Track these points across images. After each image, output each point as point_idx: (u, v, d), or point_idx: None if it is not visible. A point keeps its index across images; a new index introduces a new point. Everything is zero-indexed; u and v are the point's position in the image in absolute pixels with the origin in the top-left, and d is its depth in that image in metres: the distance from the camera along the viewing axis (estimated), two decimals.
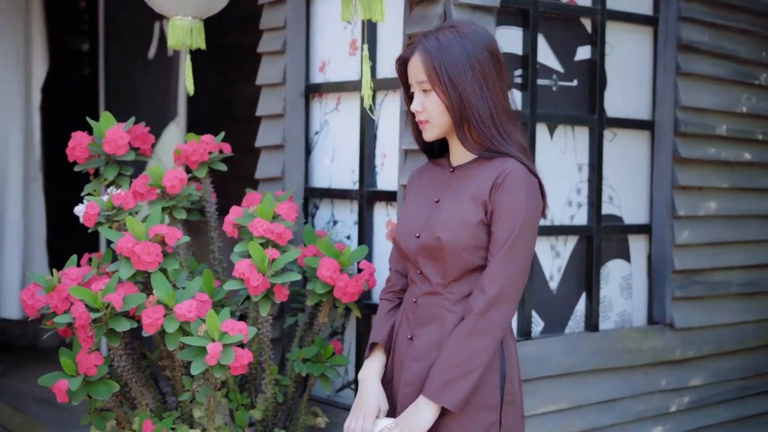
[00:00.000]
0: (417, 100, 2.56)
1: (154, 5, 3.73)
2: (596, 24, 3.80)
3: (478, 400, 2.47)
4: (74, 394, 3.14)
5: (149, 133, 3.65)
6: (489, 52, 2.53)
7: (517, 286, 2.47)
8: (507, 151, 2.51)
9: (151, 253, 3.18)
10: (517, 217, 2.45)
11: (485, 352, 2.44)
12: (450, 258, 2.50)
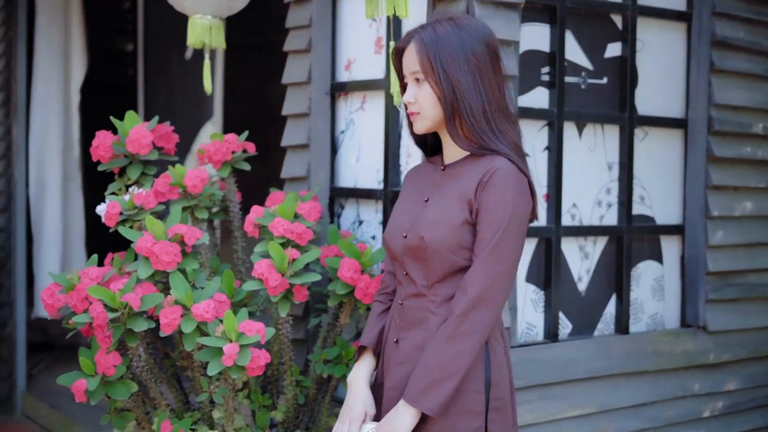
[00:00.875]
0: (410, 91, 2.51)
1: (175, 3, 3.72)
2: (627, 20, 3.72)
3: (460, 406, 2.40)
4: (92, 393, 3.14)
5: (174, 133, 3.64)
6: (486, 45, 2.47)
7: (501, 288, 2.39)
8: (497, 149, 2.44)
9: (169, 253, 3.16)
10: (503, 217, 2.37)
11: (466, 356, 2.36)
12: (433, 258, 2.44)
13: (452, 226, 2.42)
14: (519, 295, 3.51)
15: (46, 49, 5.94)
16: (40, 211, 5.95)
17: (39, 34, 5.96)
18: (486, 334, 2.39)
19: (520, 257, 2.46)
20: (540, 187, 3.55)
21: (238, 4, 3.77)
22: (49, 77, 5.95)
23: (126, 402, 3.27)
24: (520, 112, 3.45)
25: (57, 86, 5.98)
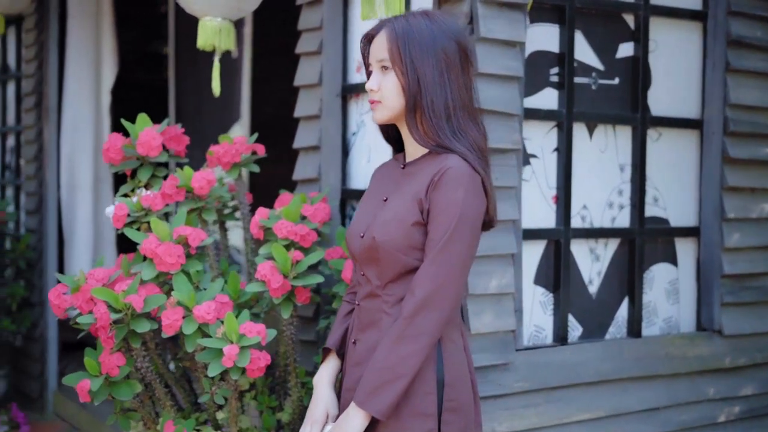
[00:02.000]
0: (374, 78, 2.48)
1: (185, 6, 3.75)
2: (639, 20, 3.68)
3: (411, 407, 2.38)
4: (96, 393, 3.17)
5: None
6: (457, 43, 2.45)
7: (449, 290, 2.36)
8: (454, 147, 2.41)
9: (173, 255, 3.18)
10: (452, 217, 2.34)
11: (414, 358, 2.34)
12: (385, 258, 2.42)
13: (403, 227, 2.40)
14: (526, 298, 3.48)
15: (77, 52, 6.02)
16: (72, 212, 6.03)
17: (70, 38, 6.04)
18: (435, 335, 2.36)
19: (472, 258, 2.42)
20: (549, 188, 3.53)
21: (247, 6, 3.79)
22: (80, 80, 6.03)
23: (131, 402, 3.30)
24: (527, 114, 3.43)
25: (88, 89, 6.06)
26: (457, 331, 2.48)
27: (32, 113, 6.05)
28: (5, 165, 6.73)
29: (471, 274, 3.21)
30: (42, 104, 6.00)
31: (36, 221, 6.02)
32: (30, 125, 6.06)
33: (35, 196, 6.02)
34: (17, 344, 6.02)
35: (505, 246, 3.29)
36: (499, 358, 3.29)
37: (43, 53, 5.98)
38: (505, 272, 3.29)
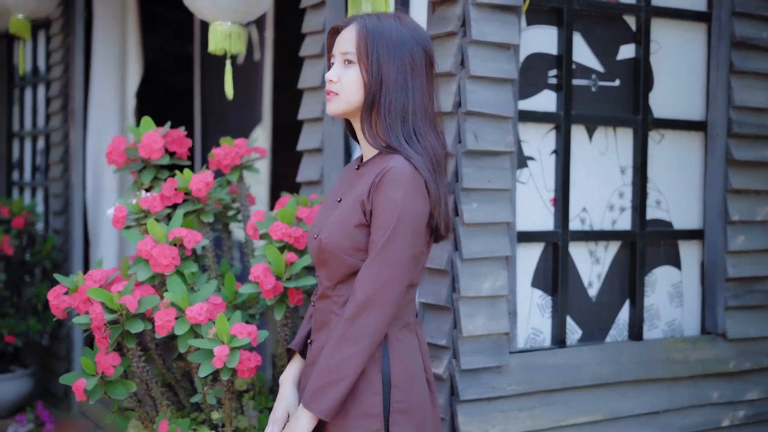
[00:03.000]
0: (335, 70, 2.49)
1: (195, 11, 3.80)
2: (641, 21, 3.66)
3: (357, 408, 2.39)
4: (91, 392, 3.22)
5: (187, 137, 3.70)
6: (424, 51, 2.46)
7: (390, 291, 2.36)
8: (401, 149, 2.41)
9: (167, 256, 3.22)
10: (391, 218, 2.35)
11: (356, 359, 2.35)
12: (331, 260, 2.45)
13: (347, 229, 2.42)
14: (523, 300, 3.48)
15: (103, 55, 6.11)
16: (97, 213, 6.12)
17: (96, 41, 6.13)
18: (377, 336, 2.37)
19: (414, 259, 2.41)
20: (547, 191, 3.52)
21: (257, 11, 3.83)
22: (105, 83, 6.11)
23: (129, 402, 3.35)
24: (525, 116, 3.42)
25: (113, 91, 6.15)
26: (409, 331, 2.49)
27: (59, 116, 6.15)
28: (36, 167, 6.85)
29: (463, 276, 3.22)
30: (68, 107, 6.09)
31: (62, 222, 6.12)
32: (57, 128, 6.16)
33: (61, 197, 6.11)
34: (44, 343, 6.12)
35: (498, 248, 3.29)
36: (492, 361, 3.29)
37: (69, 56, 6.08)
38: (499, 275, 3.29)
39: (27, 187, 7.00)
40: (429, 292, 3.32)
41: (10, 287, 5.81)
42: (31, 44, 6.86)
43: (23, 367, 6.02)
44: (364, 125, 2.46)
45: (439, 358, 3.28)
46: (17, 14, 5.50)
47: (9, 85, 7.33)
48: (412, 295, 2.51)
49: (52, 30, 6.24)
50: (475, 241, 3.25)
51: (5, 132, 7.37)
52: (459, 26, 3.24)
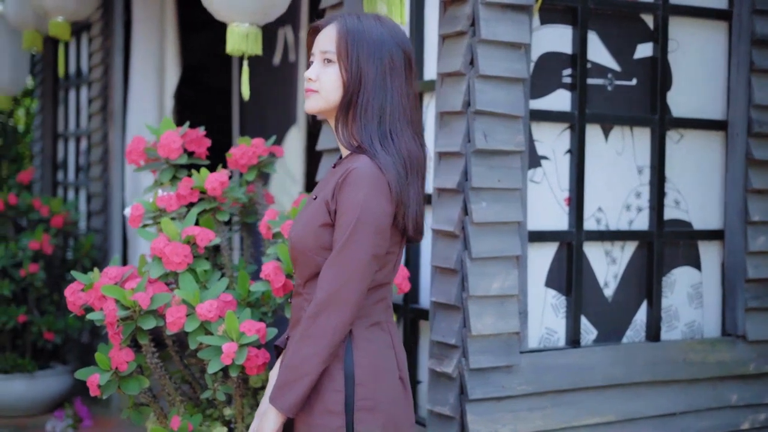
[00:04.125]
0: (314, 68, 2.50)
1: (213, 12, 3.84)
2: (658, 20, 3.63)
3: (321, 405, 2.41)
4: (104, 387, 3.27)
5: (205, 138, 3.74)
6: (404, 51, 2.47)
7: (350, 291, 2.36)
8: (371, 149, 2.41)
9: (179, 254, 3.27)
10: (352, 218, 2.35)
11: (316, 358, 2.36)
12: (299, 258, 2.47)
13: (313, 228, 2.43)
14: (536, 300, 3.47)
15: (141, 56, 6.20)
16: None
17: (135, 43, 6.22)
18: (337, 335, 2.38)
19: (375, 259, 2.40)
20: (561, 190, 3.51)
21: (274, 12, 3.87)
22: (144, 84, 6.20)
23: (144, 397, 3.40)
24: (538, 115, 3.42)
25: (152, 92, 6.23)
26: (380, 329, 2.49)
27: (98, 117, 6.25)
28: (79, 167, 6.97)
29: (472, 275, 3.23)
30: (107, 108, 6.20)
31: (101, 222, 6.22)
32: (96, 128, 6.26)
33: (100, 197, 6.22)
34: (83, 340, 6.23)
35: (508, 248, 3.29)
36: (502, 360, 3.29)
37: (108, 58, 6.18)
38: (509, 274, 3.29)
39: (71, 187, 7.12)
40: (439, 291, 3.33)
41: (49, 285, 5.91)
42: (75, 46, 6.99)
43: (63, 364, 6.14)
44: (339, 124, 2.48)
45: (449, 357, 3.29)
46: (57, 17, 5.60)
47: (55, 87, 7.46)
48: (383, 295, 2.51)
49: (93, 32, 6.35)
50: (484, 240, 3.25)
51: (51, 132, 7.50)
52: (469, 26, 3.24)
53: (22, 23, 6.22)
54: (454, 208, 3.28)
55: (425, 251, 3.58)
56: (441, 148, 3.34)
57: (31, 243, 5.77)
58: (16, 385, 5.80)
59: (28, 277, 5.77)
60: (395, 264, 2.52)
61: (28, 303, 5.95)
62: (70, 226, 6.23)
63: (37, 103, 7.77)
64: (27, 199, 6.10)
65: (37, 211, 6.09)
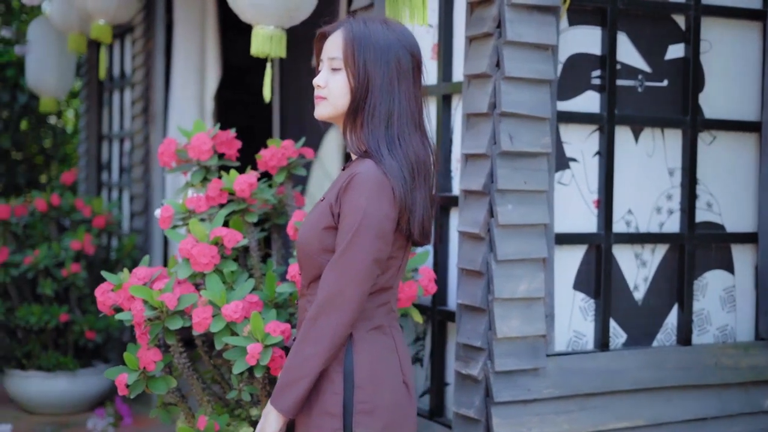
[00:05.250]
0: (322, 75, 2.52)
1: (239, 14, 3.87)
2: (690, 20, 3.59)
3: (321, 407, 2.42)
4: (132, 387, 3.31)
5: (236, 139, 3.76)
6: (411, 55, 2.47)
7: (350, 294, 2.37)
8: (376, 154, 2.41)
9: (206, 255, 3.29)
10: (353, 222, 2.36)
11: (316, 359, 2.37)
12: (303, 259, 2.49)
13: (317, 230, 2.45)
14: (565, 303, 3.45)
15: (182, 58, 6.25)
16: None
17: (176, 45, 6.27)
18: (336, 338, 2.38)
19: (377, 263, 2.41)
20: (590, 192, 3.49)
21: (300, 15, 3.89)
22: (184, 86, 6.25)
23: (171, 396, 3.43)
24: (566, 117, 3.40)
25: (193, 94, 6.28)
26: (382, 333, 2.49)
27: (140, 118, 6.32)
28: (122, 168, 7.05)
29: (498, 278, 3.22)
30: (149, 110, 6.26)
31: (142, 222, 6.28)
32: (138, 130, 6.33)
33: (141, 198, 6.28)
34: (124, 339, 6.29)
35: (534, 250, 3.27)
36: (528, 363, 3.28)
37: (150, 60, 6.24)
38: (535, 277, 3.27)
39: (115, 188, 7.20)
40: (465, 294, 3.32)
41: (91, 285, 5.98)
42: (119, 49, 7.07)
43: (104, 362, 6.21)
44: (347, 130, 2.49)
45: (474, 359, 3.28)
46: (99, 20, 5.67)
47: (99, 89, 7.55)
48: (386, 299, 2.52)
49: (135, 35, 6.42)
50: (510, 242, 3.24)
51: (96, 134, 7.59)
52: (495, 27, 3.23)
53: (67, 26, 6.30)
54: (479, 210, 3.27)
55: (453, 253, 3.57)
56: (467, 150, 3.33)
57: (73, 243, 5.85)
58: (59, 383, 5.88)
59: (70, 277, 5.84)
60: (399, 269, 2.53)
61: (70, 302, 6.03)
62: (112, 227, 6.30)
63: (82, 104, 7.87)
64: (69, 199, 6.18)
65: (80, 212, 6.16)
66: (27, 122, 9.36)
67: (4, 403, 6.11)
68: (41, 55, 6.71)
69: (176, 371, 3.46)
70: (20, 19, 9.09)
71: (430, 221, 2.53)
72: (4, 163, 9.27)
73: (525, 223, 3.25)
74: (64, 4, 6.11)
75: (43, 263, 5.78)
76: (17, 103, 9.07)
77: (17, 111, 9.11)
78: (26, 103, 8.95)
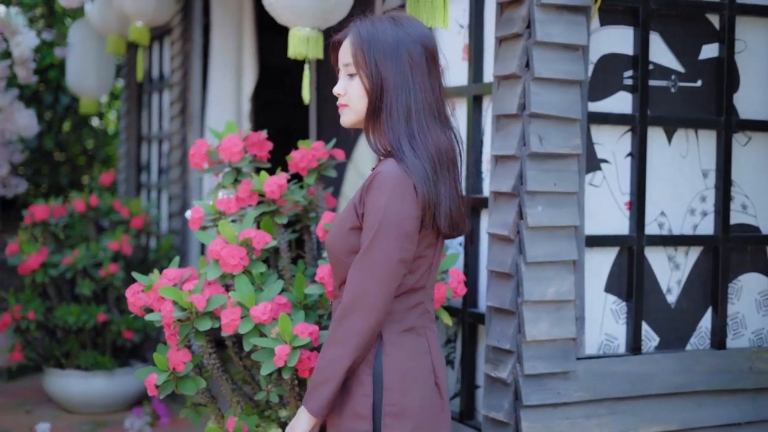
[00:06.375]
0: (341, 83, 2.53)
1: (275, 16, 3.88)
2: (724, 20, 3.54)
3: (350, 408, 2.44)
4: (161, 388, 3.32)
5: (267, 140, 3.76)
6: (423, 46, 2.46)
7: (374, 295, 2.37)
8: (398, 152, 2.40)
9: (235, 256, 3.30)
10: (375, 223, 2.36)
11: (342, 361, 2.38)
12: (333, 261, 2.51)
13: (343, 231, 2.47)
14: (597, 306, 3.42)
15: (219, 60, 6.28)
16: None
17: (213, 47, 6.30)
18: (362, 340, 2.39)
19: (399, 262, 2.40)
20: (622, 194, 3.45)
21: (335, 17, 3.89)
22: (222, 87, 6.28)
23: (200, 397, 3.44)
24: (597, 118, 3.37)
25: (230, 95, 6.31)
26: (416, 334, 2.49)
27: (178, 120, 6.36)
28: (160, 169, 7.09)
29: (527, 280, 3.19)
30: (186, 111, 6.30)
31: (179, 223, 6.32)
32: (175, 131, 6.37)
33: (179, 199, 6.32)
34: (162, 339, 6.32)
35: (564, 252, 3.24)
36: (557, 366, 3.25)
37: (187, 62, 6.28)
38: (565, 279, 3.25)
39: (153, 188, 7.25)
40: (494, 296, 3.30)
41: (128, 285, 5.99)
42: (158, 51, 7.12)
43: (142, 362, 6.24)
44: (369, 132, 2.49)
45: (504, 362, 3.26)
46: (137, 22, 5.71)
47: (139, 90, 7.61)
48: (418, 299, 2.51)
49: (173, 36, 6.46)
50: (539, 244, 3.22)
51: (135, 135, 7.65)
52: (524, 28, 3.21)
53: (106, 28, 6.36)
54: (509, 212, 3.25)
55: (483, 255, 3.55)
56: (496, 151, 3.31)
57: (111, 244, 5.89)
58: (96, 382, 5.92)
59: (108, 277, 5.88)
60: (429, 268, 2.52)
61: (107, 302, 6.08)
62: (150, 227, 6.34)
63: (122, 106, 7.93)
64: (108, 200, 6.23)
65: (118, 213, 6.21)
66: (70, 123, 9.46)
67: (43, 402, 6.17)
68: (81, 57, 6.78)
69: (206, 372, 3.48)
70: (62, 21, 9.18)
71: (460, 211, 2.52)
72: (48, 164, 9.38)
73: (555, 225, 3.23)
74: (104, 6, 6.17)
75: (81, 263, 5.83)
76: (60, 105, 9.18)
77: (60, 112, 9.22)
78: (69, 104, 9.06)
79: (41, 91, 9.09)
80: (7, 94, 5.82)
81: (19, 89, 8.06)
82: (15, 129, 5.89)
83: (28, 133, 5.95)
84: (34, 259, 5.83)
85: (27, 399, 6.27)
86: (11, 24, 5.44)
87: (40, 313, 5.88)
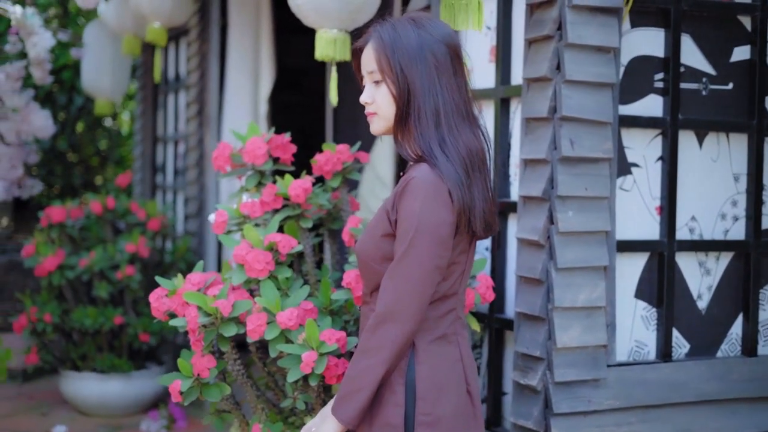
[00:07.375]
0: (367, 91, 2.48)
1: (302, 18, 3.84)
2: (756, 22, 3.49)
3: (382, 418, 2.38)
4: (186, 394, 3.28)
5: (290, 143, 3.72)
6: (446, 46, 2.41)
7: (409, 303, 2.31)
8: (430, 157, 2.35)
9: (261, 261, 3.25)
10: (409, 229, 2.30)
11: (375, 370, 2.33)
12: (364, 268, 2.45)
13: (375, 238, 2.41)
14: (627, 312, 3.37)
15: (237, 61, 6.23)
16: None
17: (230, 48, 6.26)
18: (396, 349, 2.33)
19: (435, 269, 2.35)
20: (652, 199, 3.40)
21: (362, 18, 3.85)
22: (239, 89, 6.23)
23: (225, 404, 3.40)
24: (628, 121, 3.32)
25: (247, 97, 6.26)
26: (447, 343, 2.44)
27: (195, 121, 6.31)
28: (177, 170, 7.06)
29: (558, 286, 3.15)
30: (203, 112, 6.25)
31: (196, 224, 6.28)
32: (192, 132, 6.33)
33: (196, 200, 6.28)
34: (178, 342, 6.29)
35: (595, 258, 3.19)
36: (588, 374, 3.20)
37: (204, 64, 6.24)
38: (596, 285, 3.20)
39: (169, 190, 7.22)
40: (523, 302, 3.25)
41: (145, 287, 5.98)
42: (174, 51, 7.08)
43: (158, 365, 6.21)
44: (398, 137, 2.44)
45: (533, 369, 3.21)
46: (154, 23, 5.67)
47: (154, 91, 7.58)
48: (451, 306, 2.46)
49: (190, 37, 6.42)
50: (570, 250, 3.17)
51: (151, 136, 7.62)
52: (555, 30, 3.16)
53: (122, 29, 6.33)
54: (539, 216, 3.20)
55: (511, 260, 3.50)
56: (526, 155, 3.27)
57: (128, 246, 5.85)
58: (113, 385, 5.89)
59: (125, 280, 5.85)
60: (462, 274, 2.47)
61: (124, 305, 6.04)
62: (167, 229, 6.30)
63: (137, 107, 7.90)
64: (124, 202, 6.19)
65: (134, 214, 6.17)
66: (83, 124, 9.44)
67: (59, 405, 6.14)
68: (96, 57, 6.74)
69: (230, 378, 3.43)
70: (77, 22, 9.16)
71: (492, 212, 2.47)
72: (61, 164, 9.35)
73: (586, 230, 3.18)
74: (120, 6, 6.13)
75: (98, 266, 5.79)
76: (74, 106, 9.15)
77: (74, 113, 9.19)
78: (83, 105, 9.03)
79: (55, 91, 9.07)
80: (23, 94, 5.77)
81: (33, 90, 8.04)
82: (31, 130, 5.84)
83: (43, 134, 5.91)
84: (51, 261, 5.80)
85: (43, 401, 6.24)
86: (27, 25, 5.39)
87: (57, 315, 5.85)
